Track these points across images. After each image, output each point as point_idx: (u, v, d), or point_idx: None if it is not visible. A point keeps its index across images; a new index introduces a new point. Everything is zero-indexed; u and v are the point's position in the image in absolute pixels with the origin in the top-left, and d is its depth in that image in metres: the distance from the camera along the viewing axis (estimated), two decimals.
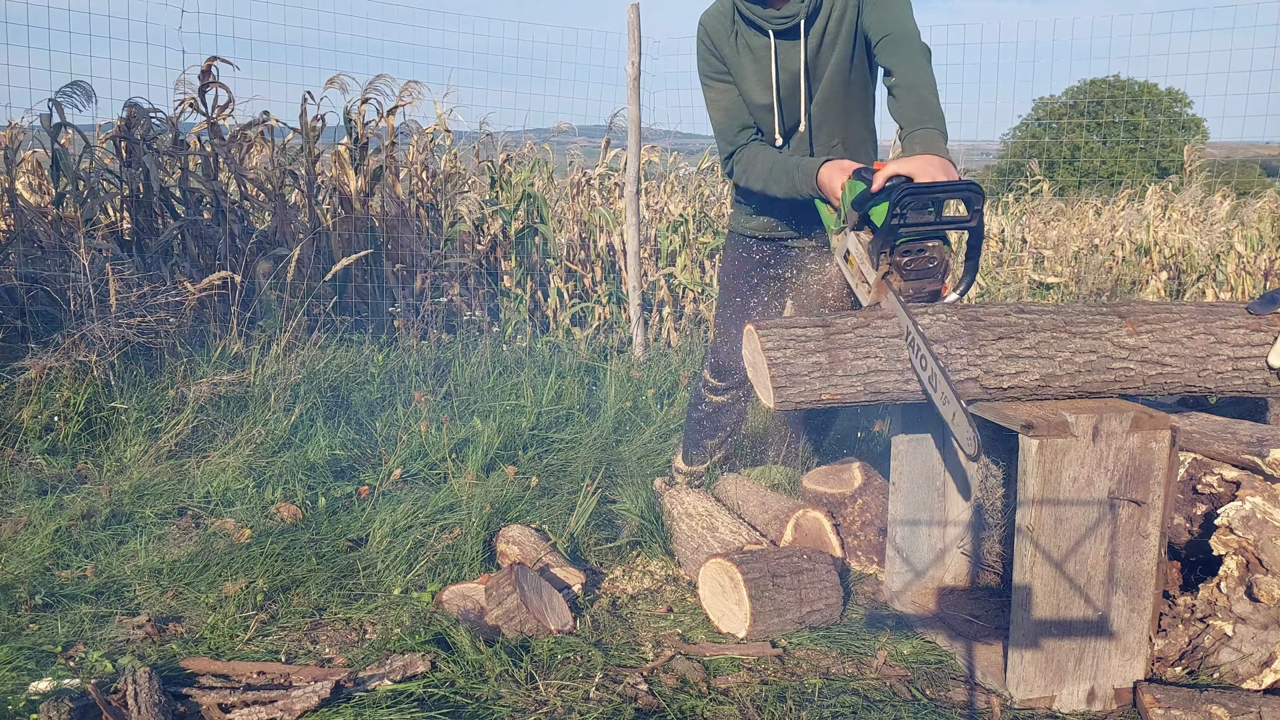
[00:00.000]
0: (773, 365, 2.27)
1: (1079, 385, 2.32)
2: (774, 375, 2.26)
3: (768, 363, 2.27)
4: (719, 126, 3.00)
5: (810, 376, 2.27)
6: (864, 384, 2.29)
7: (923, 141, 2.42)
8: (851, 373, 2.28)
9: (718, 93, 2.98)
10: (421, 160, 6.31)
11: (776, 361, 2.27)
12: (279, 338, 4.67)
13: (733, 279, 3.25)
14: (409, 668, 2.36)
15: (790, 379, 2.27)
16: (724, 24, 2.91)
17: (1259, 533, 2.31)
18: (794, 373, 2.27)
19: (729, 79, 2.95)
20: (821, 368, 2.27)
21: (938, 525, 2.77)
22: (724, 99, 2.97)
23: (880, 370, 2.29)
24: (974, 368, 2.29)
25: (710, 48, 2.94)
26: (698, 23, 2.98)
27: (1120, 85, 23.52)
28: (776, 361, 2.27)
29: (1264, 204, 7.38)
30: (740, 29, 2.89)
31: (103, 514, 3.33)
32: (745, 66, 2.91)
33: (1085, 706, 2.27)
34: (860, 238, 2.47)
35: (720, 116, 2.98)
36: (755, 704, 2.26)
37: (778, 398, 2.27)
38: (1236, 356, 2.36)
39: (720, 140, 3.01)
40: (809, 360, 2.27)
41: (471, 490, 3.48)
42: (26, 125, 5.38)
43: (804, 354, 2.28)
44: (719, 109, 2.98)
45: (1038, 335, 2.31)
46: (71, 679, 2.31)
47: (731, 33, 2.90)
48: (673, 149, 7.75)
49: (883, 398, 2.32)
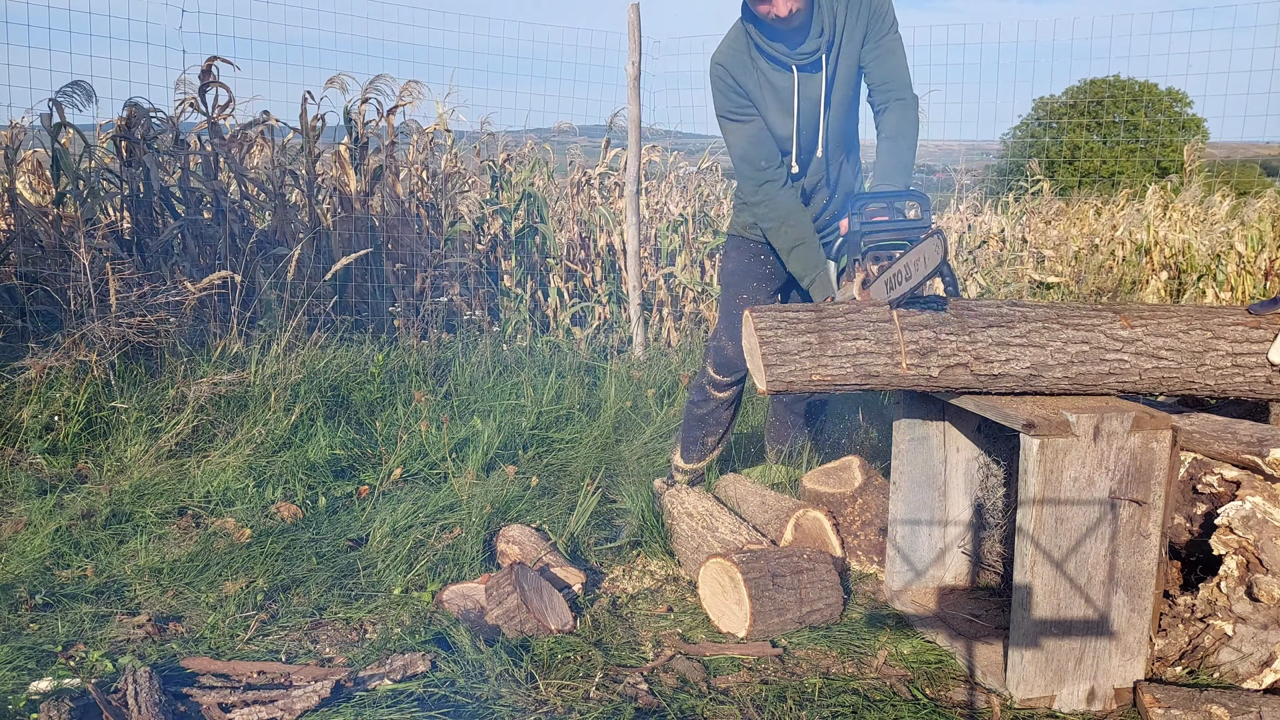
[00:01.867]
0: (764, 344, 2.30)
1: (1073, 377, 2.32)
2: (765, 354, 2.29)
3: (759, 341, 2.30)
4: (745, 154, 3.03)
5: (800, 355, 2.29)
6: (854, 365, 2.30)
7: None
8: (841, 353, 2.30)
9: (742, 125, 3.02)
10: (421, 160, 6.31)
11: (768, 340, 2.30)
12: (279, 337, 4.67)
13: (737, 279, 3.29)
14: (409, 667, 2.36)
15: (781, 357, 2.29)
16: (742, 60, 2.96)
17: (1259, 532, 2.31)
18: (784, 351, 2.29)
19: (753, 112, 2.99)
20: (811, 347, 2.30)
21: (938, 525, 2.77)
22: (749, 129, 3.01)
23: (870, 352, 2.31)
24: (963, 353, 2.30)
25: (732, 85, 2.97)
26: (712, 63, 3.00)
27: (1120, 85, 23.51)
28: (768, 340, 2.30)
29: (1264, 204, 7.38)
30: (759, 63, 2.95)
31: (103, 514, 3.33)
32: (767, 100, 2.97)
33: (1085, 706, 2.27)
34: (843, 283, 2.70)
35: (747, 145, 3.02)
36: (755, 704, 2.26)
37: (769, 375, 2.30)
38: (1236, 352, 2.35)
39: (746, 165, 3.03)
40: (799, 340, 2.30)
41: (471, 490, 3.48)
42: (27, 125, 5.38)
43: (795, 333, 2.31)
44: (745, 139, 3.02)
45: (1029, 325, 2.32)
46: (72, 678, 2.31)
47: (753, 68, 2.96)
48: (673, 149, 7.75)
49: (874, 382, 2.33)
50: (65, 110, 4.84)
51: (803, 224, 2.99)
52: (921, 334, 2.31)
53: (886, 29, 2.90)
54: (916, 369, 2.31)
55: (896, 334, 2.31)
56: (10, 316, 4.55)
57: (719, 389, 3.36)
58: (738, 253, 3.29)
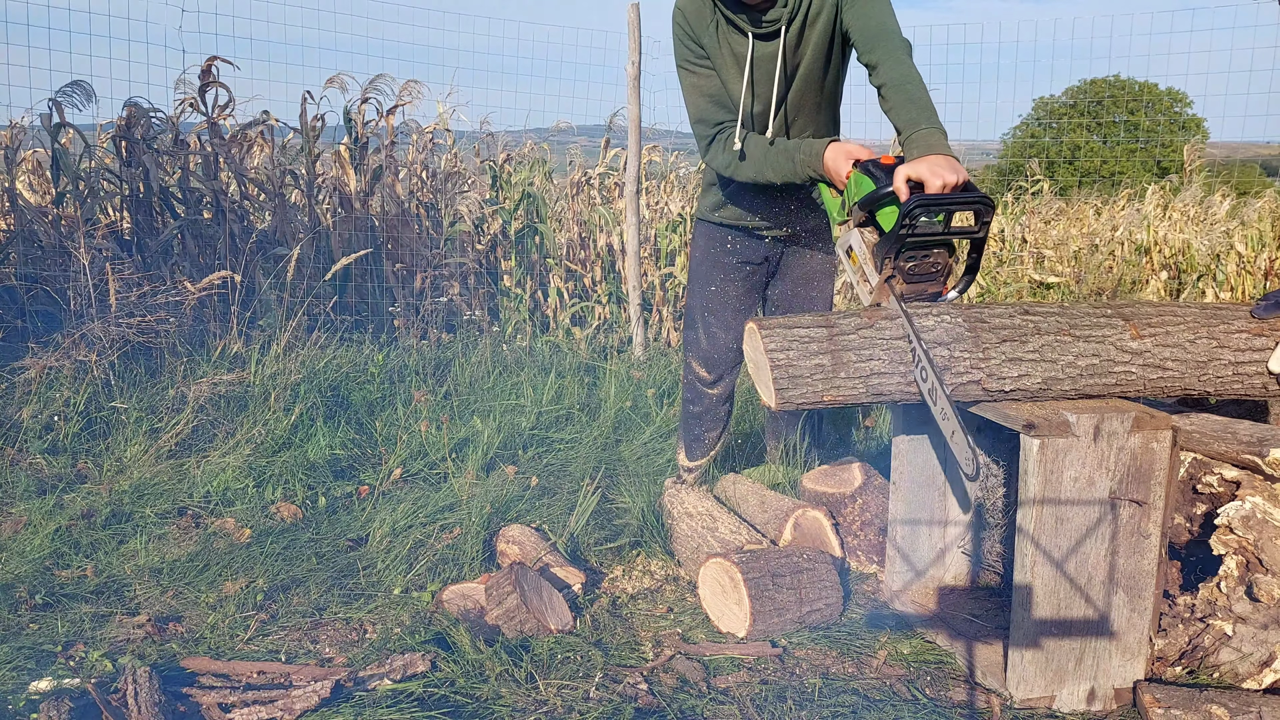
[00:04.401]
0: (775, 367, 2.26)
1: (1081, 388, 2.32)
2: (776, 377, 2.26)
3: (770, 364, 2.26)
4: (699, 110, 2.96)
5: (813, 379, 2.26)
6: (867, 386, 2.28)
7: (925, 142, 2.39)
8: (855, 375, 2.27)
9: (698, 78, 2.95)
10: (421, 160, 6.31)
11: (779, 363, 2.26)
12: (279, 337, 4.67)
13: (706, 268, 3.22)
14: (409, 667, 2.36)
15: (793, 381, 2.26)
16: (704, 13, 2.89)
17: (1259, 532, 2.31)
18: (797, 375, 2.26)
19: (709, 65, 2.93)
20: (824, 370, 2.26)
21: (938, 524, 2.77)
22: (705, 84, 2.94)
23: (883, 373, 2.28)
24: (977, 370, 2.29)
25: (689, 33, 2.92)
26: (674, 7, 2.95)
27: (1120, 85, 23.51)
28: (779, 363, 2.26)
29: (1264, 204, 7.37)
30: (720, 24, 2.89)
31: (103, 513, 3.33)
32: (725, 60, 2.91)
33: (1085, 706, 2.27)
34: (865, 236, 2.44)
35: (701, 101, 2.95)
36: (755, 704, 2.26)
37: (779, 399, 2.26)
38: (1237, 361, 2.36)
39: (699, 125, 2.97)
40: (812, 362, 2.26)
41: (471, 490, 3.48)
42: (26, 125, 5.39)
43: (807, 355, 2.26)
44: (699, 93, 2.95)
45: (1042, 339, 2.30)
46: (71, 679, 2.31)
47: (712, 23, 2.89)
48: (673, 149, 7.75)
49: (885, 399, 2.32)
50: (65, 110, 4.85)
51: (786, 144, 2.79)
52: (936, 352, 2.27)
53: None
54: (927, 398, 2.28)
55: (909, 358, 2.27)
56: (10, 316, 4.55)
57: (709, 385, 3.34)
58: (705, 240, 3.22)
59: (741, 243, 3.15)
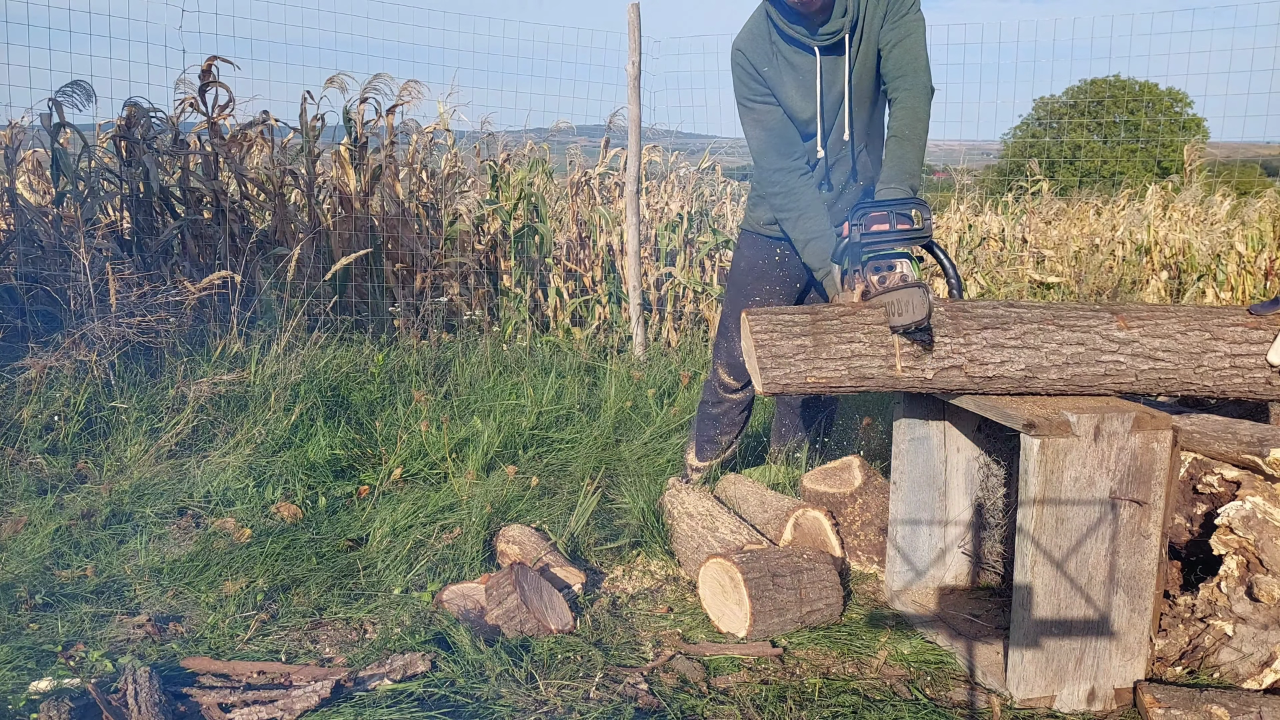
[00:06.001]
0: (759, 347, 2.31)
1: (1068, 378, 2.32)
2: (760, 357, 2.30)
3: (755, 345, 2.32)
4: (762, 145, 2.99)
5: (795, 358, 2.30)
6: (848, 368, 2.31)
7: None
8: (836, 356, 2.31)
9: (761, 114, 2.98)
10: (421, 160, 6.31)
11: (763, 343, 2.31)
12: (279, 337, 4.67)
13: (751, 279, 3.22)
14: (409, 667, 2.36)
15: (776, 360, 2.30)
16: (762, 45, 2.93)
17: (1259, 533, 2.31)
18: (779, 354, 2.30)
19: (771, 100, 2.97)
20: (806, 350, 2.31)
21: (938, 525, 2.77)
22: (768, 119, 2.98)
23: (864, 355, 2.31)
24: (958, 355, 2.30)
25: (751, 72, 2.95)
26: (732, 49, 2.99)
27: (1120, 85, 23.52)
28: (763, 343, 2.31)
29: (1264, 204, 7.37)
30: (780, 48, 2.92)
31: (103, 513, 3.33)
32: (787, 83, 2.94)
33: (1085, 706, 2.27)
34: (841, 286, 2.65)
35: (764, 135, 2.98)
36: (755, 704, 2.26)
37: (764, 379, 2.31)
38: (1234, 354, 2.35)
39: (764, 155, 2.99)
40: (794, 343, 2.31)
41: (471, 490, 3.48)
42: (26, 125, 5.39)
43: (789, 336, 2.32)
44: (763, 128, 2.99)
45: (1024, 326, 2.32)
46: (71, 678, 2.31)
47: (772, 53, 2.93)
48: (673, 149, 7.75)
49: (869, 384, 2.34)
50: (65, 110, 4.85)
51: (820, 216, 2.91)
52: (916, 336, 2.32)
53: (907, 8, 2.82)
54: (911, 372, 2.32)
55: (891, 337, 2.32)
56: (10, 316, 4.55)
57: (731, 391, 3.35)
58: (752, 250, 3.22)
59: (792, 256, 3.14)
